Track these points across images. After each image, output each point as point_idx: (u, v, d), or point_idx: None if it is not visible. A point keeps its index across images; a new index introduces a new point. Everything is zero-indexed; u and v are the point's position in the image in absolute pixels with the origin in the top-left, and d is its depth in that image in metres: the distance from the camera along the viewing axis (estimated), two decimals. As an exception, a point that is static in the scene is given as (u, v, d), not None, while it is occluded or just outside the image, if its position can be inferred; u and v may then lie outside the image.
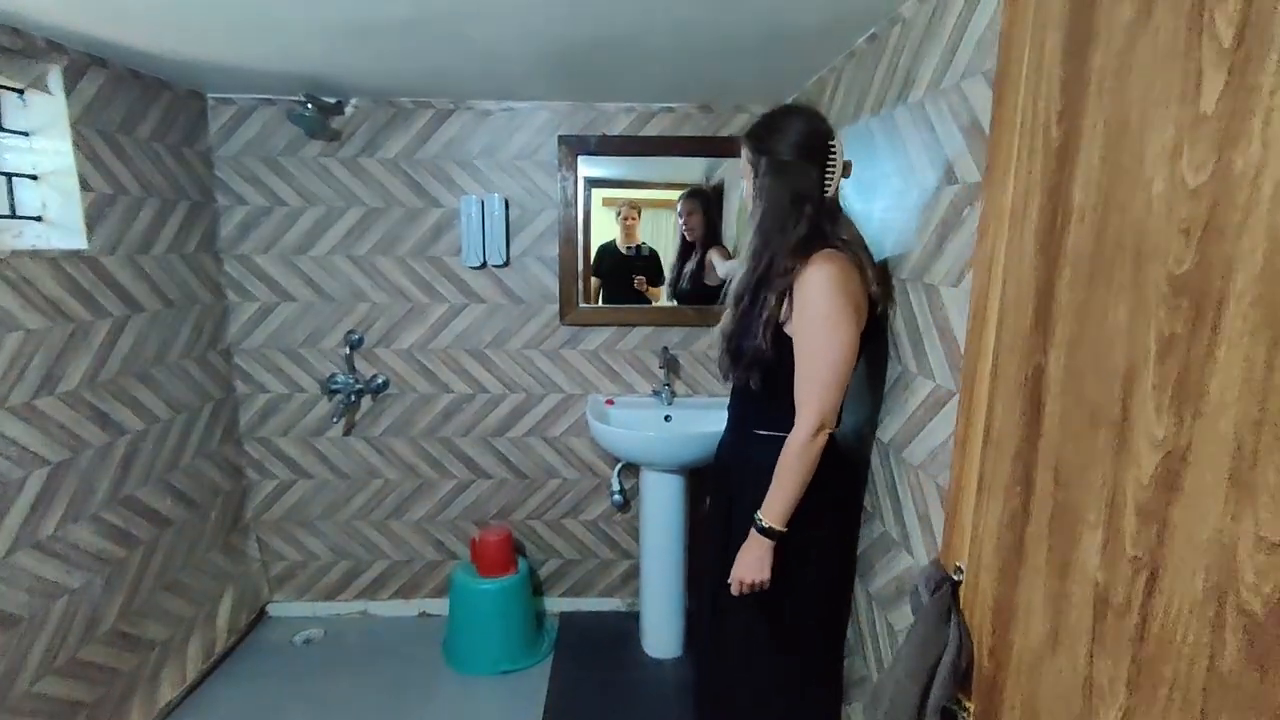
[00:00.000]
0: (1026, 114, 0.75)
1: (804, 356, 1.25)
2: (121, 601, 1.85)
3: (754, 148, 1.33)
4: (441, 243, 2.34)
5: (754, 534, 1.31)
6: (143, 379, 1.92)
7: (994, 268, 0.82)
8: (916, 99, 1.26)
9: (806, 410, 1.25)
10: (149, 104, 1.93)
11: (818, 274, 1.22)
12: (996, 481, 0.82)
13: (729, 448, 1.50)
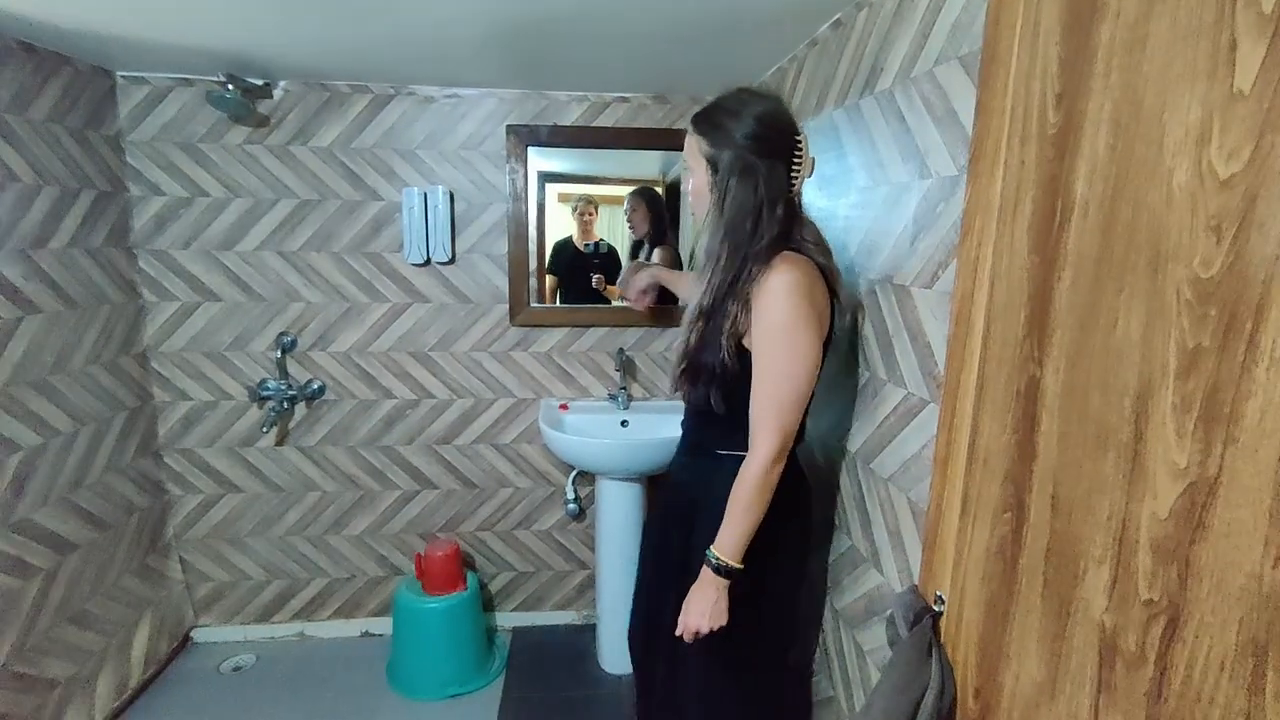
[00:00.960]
0: (1018, 98, 0.68)
1: (761, 372, 1.11)
2: (15, 638, 1.65)
3: (712, 140, 1.16)
4: (381, 238, 2.18)
5: (708, 574, 1.14)
6: (39, 388, 1.72)
7: (980, 268, 0.74)
8: (885, 88, 1.19)
9: (765, 433, 1.10)
10: (44, 80, 1.73)
11: (777, 280, 1.09)
12: (983, 505, 0.74)
13: (687, 471, 1.34)
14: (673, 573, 1.29)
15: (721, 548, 1.13)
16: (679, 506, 1.32)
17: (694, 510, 1.27)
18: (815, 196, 1.50)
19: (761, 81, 1.95)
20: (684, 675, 1.31)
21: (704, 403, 1.20)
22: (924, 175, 1.05)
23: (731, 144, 1.14)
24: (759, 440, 1.10)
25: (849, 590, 1.31)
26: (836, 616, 1.37)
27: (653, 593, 1.39)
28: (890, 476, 1.14)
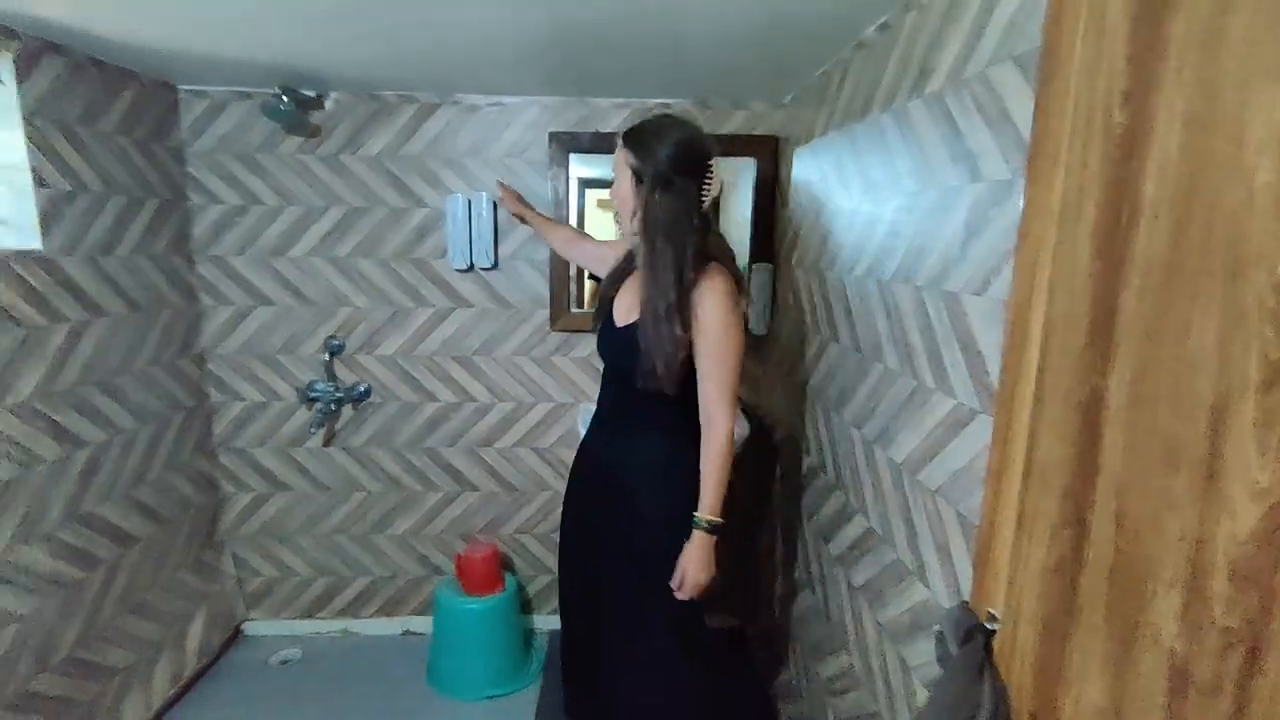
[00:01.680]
0: (1080, 97, 0.65)
1: (716, 364, 1.33)
2: (80, 627, 1.73)
3: (638, 155, 1.36)
4: (426, 244, 2.23)
5: (699, 535, 1.37)
6: (105, 388, 1.80)
7: (1038, 275, 0.72)
8: (934, 90, 1.16)
9: (721, 415, 1.34)
10: (113, 95, 1.82)
11: (714, 291, 1.32)
12: (1040, 521, 0.71)
13: (620, 445, 1.51)
14: (618, 539, 1.49)
15: (707, 509, 1.36)
16: (614, 478, 1.50)
17: (628, 478, 1.47)
18: (860, 200, 1.47)
19: (806, 85, 1.92)
20: (631, 630, 1.50)
21: (647, 389, 1.37)
22: (975, 178, 1.02)
23: (654, 161, 1.34)
24: (718, 419, 1.34)
25: (893, 603, 1.27)
26: (880, 630, 1.33)
27: (591, 558, 1.56)
28: (938, 488, 1.11)
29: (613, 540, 1.51)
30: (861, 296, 1.45)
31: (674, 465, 1.43)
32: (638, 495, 1.46)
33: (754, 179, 2.21)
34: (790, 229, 2.03)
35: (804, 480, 1.84)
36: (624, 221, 1.43)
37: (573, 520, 1.65)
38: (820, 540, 1.69)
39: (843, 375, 1.56)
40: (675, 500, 1.41)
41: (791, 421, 1.98)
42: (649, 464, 1.45)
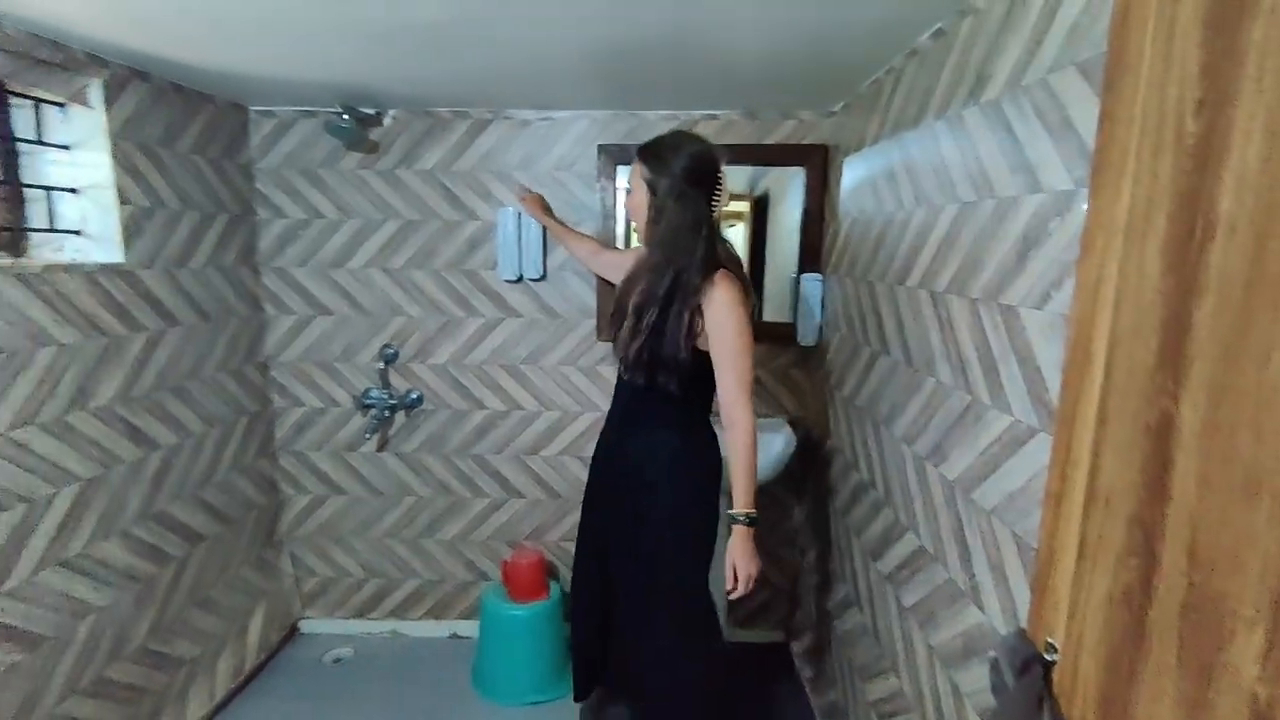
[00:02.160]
0: (1149, 105, 0.62)
1: (731, 365, 1.43)
2: (151, 619, 1.83)
3: (652, 168, 1.47)
4: (477, 256, 2.28)
5: (741, 530, 1.47)
6: (177, 393, 1.90)
7: (1102, 290, 0.68)
8: (991, 98, 1.12)
9: (742, 411, 1.44)
10: (191, 117, 1.93)
11: (725, 295, 1.42)
12: (1104, 548, 0.68)
13: (634, 441, 1.59)
14: (628, 531, 1.57)
15: (742, 505, 1.46)
16: (628, 473, 1.58)
17: (641, 472, 1.55)
18: (913, 210, 1.44)
19: (857, 94, 1.90)
20: (639, 624, 1.59)
21: (657, 388, 1.48)
22: (1034, 189, 0.99)
23: (669, 174, 1.45)
24: (740, 417, 1.44)
25: (945, 626, 1.23)
26: (931, 653, 1.29)
27: (602, 550, 1.65)
28: (993, 509, 1.07)
29: (622, 532, 1.60)
30: (913, 309, 1.41)
31: (680, 461, 1.53)
32: (646, 488, 1.55)
33: (803, 188, 2.19)
34: (839, 239, 2.00)
35: (852, 495, 1.80)
36: (640, 230, 1.55)
37: (587, 512, 1.74)
38: (868, 557, 1.65)
39: (893, 389, 1.52)
40: (681, 495, 1.53)
41: (839, 435, 1.95)
42: (659, 458, 1.54)
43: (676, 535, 1.51)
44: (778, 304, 2.38)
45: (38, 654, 1.49)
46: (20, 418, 1.44)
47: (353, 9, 1.30)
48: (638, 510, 1.57)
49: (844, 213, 1.96)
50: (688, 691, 1.58)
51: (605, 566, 1.67)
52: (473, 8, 1.29)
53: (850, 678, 1.79)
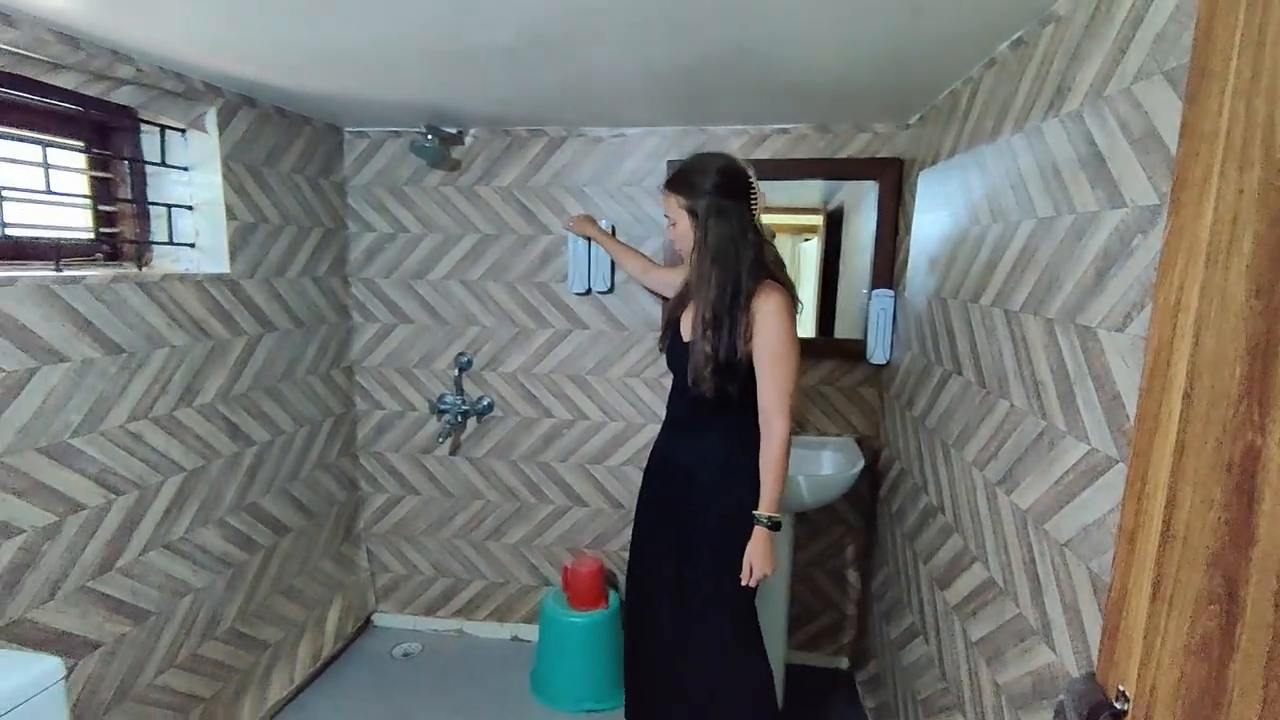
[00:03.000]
0: (1235, 117, 0.58)
1: (773, 372, 1.48)
2: (240, 602, 1.97)
3: (688, 195, 1.53)
4: (549, 269, 2.35)
5: (761, 531, 1.50)
6: (271, 393, 2.05)
7: (1181, 314, 0.64)
8: (1072, 109, 1.07)
9: (779, 417, 1.48)
10: (292, 139, 2.09)
11: (771, 303, 1.47)
12: (1181, 591, 0.63)
13: (684, 446, 1.65)
14: (675, 533, 1.62)
15: (768, 507, 1.50)
16: (678, 473, 1.63)
17: (692, 474, 1.60)
18: (988, 226, 1.38)
19: (933, 105, 1.84)
20: (696, 614, 1.61)
21: (710, 395, 1.51)
22: (1116, 204, 0.93)
23: (703, 194, 1.50)
24: (777, 424, 1.48)
25: (1014, 664, 1.16)
26: (998, 691, 1.22)
27: (657, 554, 1.68)
28: (1067, 542, 1.00)
29: (674, 539, 1.63)
30: (987, 328, 1.35)
31: (734, 467, 1.56)
32: (700, 494, 1.59)
33: (876, 204, 2.14)
34: (913, 255, 1.94)
35: (920, 519, 1.73)
36: (685, 256, 1.61)
37: (642, 520, 1.76)
38: (935, 586, 1.58)
39: (965, 411, 1.46)
40: (733, 499, 1.54)
41: (908, 456, 1.88)
42: (711, 465, 1.59)
43: (727, 540, 1.53)
44: (849, 320, 2.33)
45: (143, 627, 1.63)
46: (137, 412, 1.60)
47: (434, 36, 1.38)
48: (690, 517, 1.60)
49: (918, 228, 1.90)
50: (744, 697, 1.60)
51: (658, 578, 1.68)
52: (545, 31, 1.34)
53: (914, 712, 1.71)
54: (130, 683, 1.60)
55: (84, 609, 1.48)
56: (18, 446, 1.34)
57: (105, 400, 1.52)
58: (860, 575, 2.36)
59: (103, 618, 1.53)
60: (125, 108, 1.68)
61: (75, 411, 1.45)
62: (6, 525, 1.32)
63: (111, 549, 1.55)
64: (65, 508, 1.44)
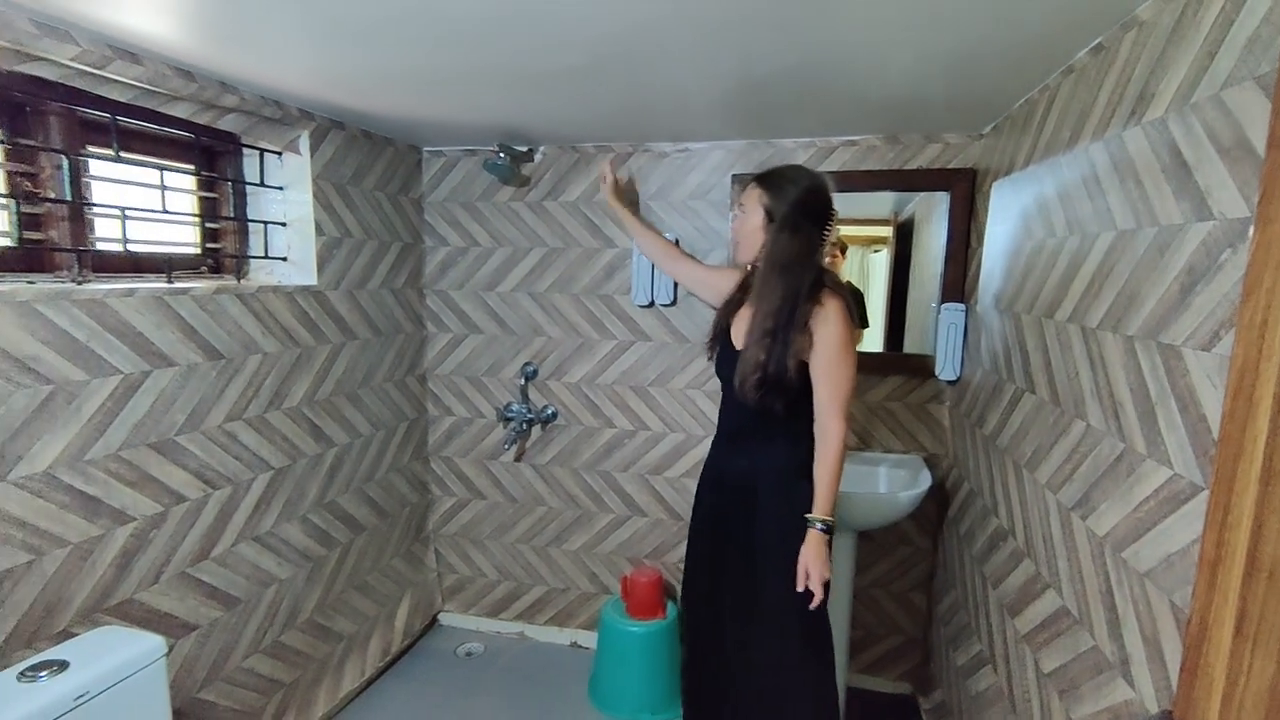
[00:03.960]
0: (1322, 129, 0.55)
1: (831, 380, 1.49)
2: (319, 595, 2.09)
3: (773, 196, 1.52)
4: (613, 281, 2.40)
5: (815, 535, 1.50)
6: (351, 398, 2.18)
7: (1269, 334, 0.61)
8: (1155, 117, 1.02)
9: (838, 424, 1.49)
10: (375, 158, 2.22)
11: (833, 312, 1.48)
12: (1267, 628, 0.60)
13: (742, 457, 1.63)
14: (737, 547, 1.62)
15: (821, 511, 1.50)
16: (736, 487, 1.63)
17: (752, 487, 1.59)
18: (1064, 239, 1.33)
19: (1008, 114, 1.79)
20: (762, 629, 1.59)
21: (766, 406, 1.52)
22: (1203, 216, 0.88)
23: (787, 201, 1.50)
24: (834, 428, 1.49)
25: (1090, 699, 1.10)
26: (1075, 730, 1.16)
27: (718, 568, 1.67)
28: (1148, 572, 0.95)
29: (738, 551, 1.62)
30: (1062, 344, 1.30)
31: (794, 474, 1.55)
32: (761, 507, 1.58)
33: (947, 215, 2.08)
34: (984, 268, 1.88)
35: (989, 542, 1.67)
36: (740, 252, 1.62)
37: (699, 534, 1.75)
38: (1005, 612, 1.51)
39: (1038, 430, 1.40)
40: (796, 512, 1.52)
41: (978, 476, 1.81)
42: (771, 473, 1.58)
43: (793, 553, 1.51)
44: (918, 335, 2.27)
45: (232, 613, 1.76)
46: (232, 413, 1.73)
47: (509, 62, 1.45)
48: (752, 530, 1.59)
49: (990, 240, 1.84)
50: (810, 712, 1.58)
51: (718, 590, 1.68)
52: (611, 51, 1.39)
53: (983, 745, 1.64)
54: (221, 664, 1.73)
55: (183, 593, 1.61)
56: (132, 442, 1.48)
57: (206, 402, 1.65)
58: (926, 598, 2.27)
59: (198, 602, 1.66)
60: (230, 134, 1.83)
61: (180, 411, 1.59)
62: (121, 513, 1.46)
63: (208, 539, 1.68)
64: (170, 499, 1.57)
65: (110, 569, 1.44)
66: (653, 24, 1.23)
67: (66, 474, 1.35)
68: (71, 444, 1.35)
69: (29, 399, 1.27)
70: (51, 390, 1.31)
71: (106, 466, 1.42)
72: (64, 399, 1.34)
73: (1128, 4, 1.10)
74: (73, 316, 1.35)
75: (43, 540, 1.31)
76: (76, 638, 1.32)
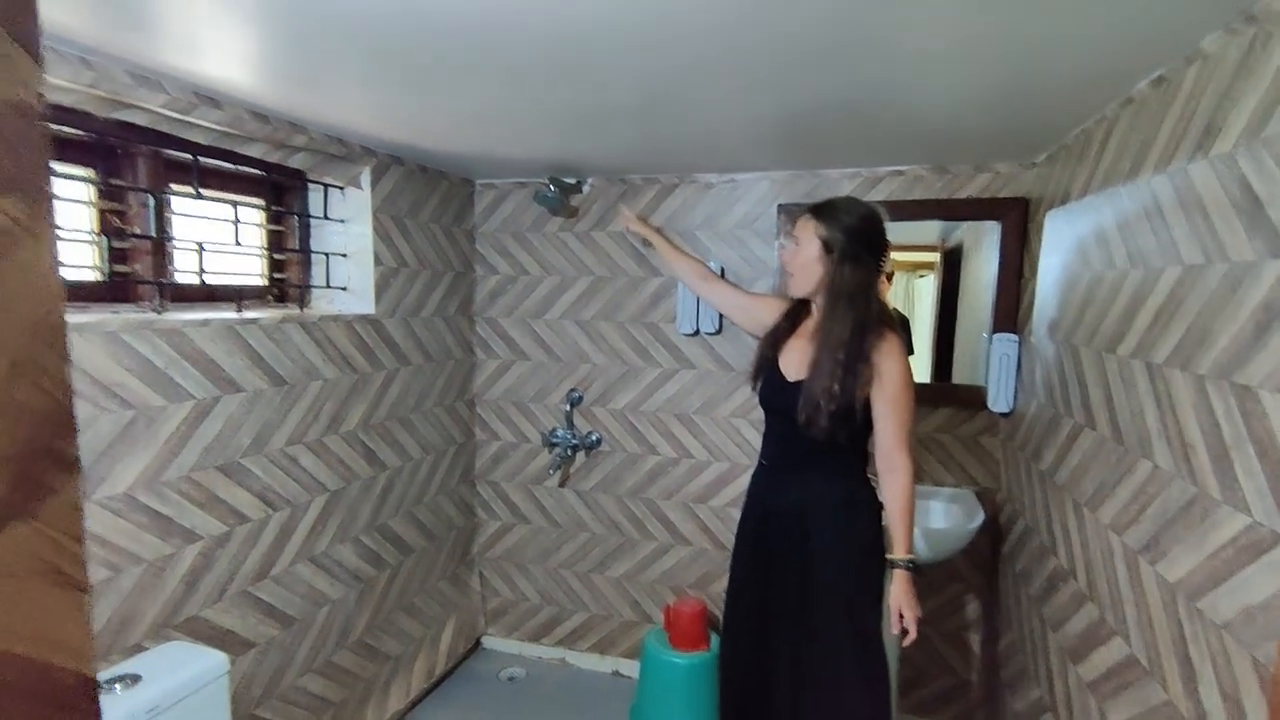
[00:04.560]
0: None
1: (897, 415, 1.50)
2: (369, 615, 2.13)
3: (830, 228, 1.53)
4: (659, 309, 2.42)
5: (904, 575, 1.51)
6: (403, 423, 2.24)
7: (1352, 382, 0.59)
8: (1223, 151, 1.00)
9: (906, 458, 1.50)
10: (430, 192, 2.31)
11: (895, 349, 1.51)
12: (1360, 691, 0.57)
13: (797, 492, 1.61)
14: (791, 581, 1.60)
15: (903, 549, 1.51)
16: (786, 518, 1.61)
17: (802, 518, 1.58)
18: (1126, 271, 1.29)
19: (1062, 144, 1.76)
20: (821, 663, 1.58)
21: (824, 438, 1.50)
22: (1278, 254, 0.86)
23: (845, 232, 1.51)
24: (902, 462, 1.51)
25: (1165, 758, 1.05)
26: (1147, 787, 1.10)
27: (770, 602, 1.64)
28: (1226, 624, 0.91)
29: (792, 585, 1.60)
30: (1125, 380, 1.26)
31: (850, 507, 1.57)
32: (817, 539, 1.57)
33: (998, 244, 2.05)
34: (1039, 298, 1.84)
35: (1048, 583, 1.61)
36: (796, 285, 1.61)
37: (746, 569, 1.71)
38: (1067, 659, 1.45)
39: (1099, 468, 1.35)
40: (856, 544, 1.54)
41: (1034, 513, 1.75)
42: (825, 505, 1.58)
43: (854, 585, 1.53)
44: (968, 365, 2.23)
45: (288, 632, 1.81)
46: (293, 437, 1.80)
47: (561, 101, 1.50)
48: (808, 564, 1.58)
49: (1045, 271, 1.81)
50: None
51: (765, 623, 1.66)
52: (663, 93, 1.43)
53: (1045, 797, 1.57)
54: (276, 681, 1.78)
55: (243, 611, 1.67)
56: (202, 464, 1.55)
57: (269, 426, 1.73)
58: (980, 638, 2.20)
59: (257, 620, 1.71)
60: (298, 170, 1.93)
61: (246, 435, 1.66)
62: (191, 532, 1.53)
63: (267, 558, 1.74)
64: (234, 519, 1.64)
65: (179, 586, 1.50)
66: (703, 65, 1.26)
67: (144, 495, 1.42)
68: (149, 466, 1.43)
69: (114, 423, 1.35)
70: (133, 415, 1.39)
71: (179, 488, 1.50)
72: (144, 423, 1.41)
73: (1191, 37, 1.08)
74: (154, 345, 1.43)
75: (121, 558, 1.38)
76: (147, 652, 1.38)
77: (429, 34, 1.14)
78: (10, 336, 0.25)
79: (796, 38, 1.13)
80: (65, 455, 0.28)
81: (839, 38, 1.12)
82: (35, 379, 0.25)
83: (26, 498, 0.26)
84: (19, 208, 0.25)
